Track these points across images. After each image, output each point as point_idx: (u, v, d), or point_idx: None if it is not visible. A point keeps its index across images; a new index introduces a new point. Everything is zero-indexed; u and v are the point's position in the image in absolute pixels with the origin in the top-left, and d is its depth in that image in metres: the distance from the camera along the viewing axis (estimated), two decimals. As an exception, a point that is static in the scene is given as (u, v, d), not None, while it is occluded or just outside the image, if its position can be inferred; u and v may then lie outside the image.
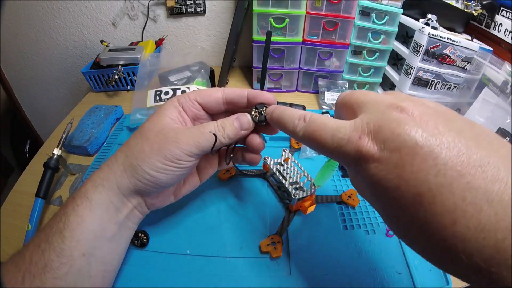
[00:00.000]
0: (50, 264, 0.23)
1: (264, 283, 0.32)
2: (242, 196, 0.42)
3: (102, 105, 0.61)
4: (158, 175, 0.27)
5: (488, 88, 0.55)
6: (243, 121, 0.30)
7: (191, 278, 0.32)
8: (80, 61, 0.90)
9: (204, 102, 0.31)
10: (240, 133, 0.30)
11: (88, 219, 0.25)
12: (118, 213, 0.27)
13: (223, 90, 0.31)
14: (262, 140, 0.32)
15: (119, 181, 0.27)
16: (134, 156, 0.27)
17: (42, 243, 0.24)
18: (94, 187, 0.26)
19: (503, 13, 0.56)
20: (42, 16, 0.80)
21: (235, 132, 0.29)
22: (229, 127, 0.29)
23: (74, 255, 0.24)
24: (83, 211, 0.25)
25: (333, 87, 0.69)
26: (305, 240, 0.36)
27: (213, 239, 0.36)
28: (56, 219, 0.25)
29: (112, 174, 0.27)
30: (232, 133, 0.29)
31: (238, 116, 0.30)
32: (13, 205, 0.44)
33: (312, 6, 0.61)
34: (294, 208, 0.39)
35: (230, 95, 0.31)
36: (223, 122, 0.29)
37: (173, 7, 0.77)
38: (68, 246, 0.24)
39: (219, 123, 0.29)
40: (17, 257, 0.24)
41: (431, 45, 0.55)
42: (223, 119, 0.30)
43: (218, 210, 0.40)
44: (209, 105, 0.31)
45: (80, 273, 0.24)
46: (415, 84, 0.60)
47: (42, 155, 0.52)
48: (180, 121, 0.30)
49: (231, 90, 0.31)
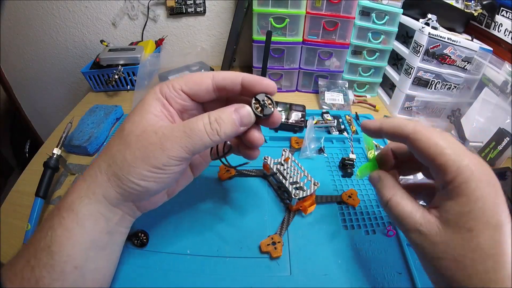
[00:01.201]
0: (42, 281, 0.22)
1: (264, 283, 0.32)
2: (242, 196, 0.42)
3: (102, 105, 0.61)
4: (147, 184, 0.24)
5: (488, 88, 0.55)
6: (243, 115, 0.25)
7: (191, 278, 0.32)
8: (80, 61, 0.90)
9: (192, 91, 0.26)
10: (239, 130, 0.26)
11: (77, 232, 0.23)
12: (108, 223, 0.25)
13: (213, 76, 0.27)
14: (261, 134, 0.28)
15: (105, 192, 0.24)
16: (117, 165, 0.24)
17: (32, 259, 0.22)
18: (79, 199, 0.24)
19: (503, 13, 0.56)
20: (42, 16, 0.80)
21: (234, 129, 0.25)
22: (227, 123, 0.25)
23: (66, 270, 0.23)
24: (70, 224, 0.23)
25: (333, 87, 0.69)
26: (305, 240, 0.36)
27: (213, 239, 0.36)
28: (42, 233, 0.23)
29: (96, 185, 0.24)
30: (230, 130, 0.25)
31: (237, 109, 0.25)
32: (13, 205, 0.44)
33: (312, 6, 0.61)
34: (294, 208, 0.39)
35: (221, 82, 0.27)
36: (218, 117, 0.24)
37: (173, 7, 0.77)
38: (58, 261, 0.22)
39: (213, 119, 0.24)
40: (9, 271, 0.23)
41: (431, 45, 0.55)
42: (218, 112, 0.25)
43: (218, 210, 0.40)
44: (198, 95, 0.27)
45: (74, 286, 0.23)
46: (415, 84, 0.60)
47: (42, 155, 0.52)
48: (165, 116, 0.26)
49: (222, 76, 0.27)
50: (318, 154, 0.50)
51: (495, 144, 0.51)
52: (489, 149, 0.52)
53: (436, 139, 0.22)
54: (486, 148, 0.53)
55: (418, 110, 0.64)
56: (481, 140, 0.54)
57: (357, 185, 0.45)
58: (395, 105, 0.65)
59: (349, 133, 0.54)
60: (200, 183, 0.43)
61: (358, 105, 0.68)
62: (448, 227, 0.21)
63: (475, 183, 0.20)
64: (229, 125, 0.25)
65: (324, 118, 0.57)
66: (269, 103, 0.26)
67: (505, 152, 0.50)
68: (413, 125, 0.24)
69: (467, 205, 0.20)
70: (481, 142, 0.54)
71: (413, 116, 0.64)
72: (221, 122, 0.24)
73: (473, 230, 0.20)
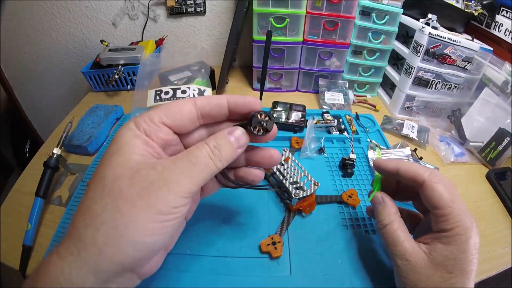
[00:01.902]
0: None
1: (264, 283, 0.32)
2: (242, 196, 0.42)
3: (102, 105, 0.61)
4: (154, 238, 0.20)
5: (488, 88, 0.55)
6: (238, 137, 0.24)
7: (191, 278, 0.32)
8: (80, 61, 0.90)
9: (174, 123, 0.23)
10: (238, 153, 0.24)
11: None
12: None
13: (194, 101, 0.24)
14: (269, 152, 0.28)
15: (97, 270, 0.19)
16: (110, 226, 0.19)
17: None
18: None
19: (503, 13, 0.56)
20: (42, 16, 0.80)
21: (233, 153, 0.24)
22: (226, 148, 0.23)
23: None
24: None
25: (333, 87, 0.69)
26: (305, 240, 0.36)
27: (213, 239, 0.36)
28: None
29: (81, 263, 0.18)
30: (230, 155, 0.23)
31: (230, 132, 0.24)
32: (13, 205, 0.44)
33: (312, 6, 0.61)
34: (295, 208, 0.39)
35: (205, 107, 0.24)
36: (216, 143, 0.23)
37: (173, 7, 0.77)
38: None
39: (212, 145, 0.22)
40: None
41: (431, 45, 0.55)
42: (214, 139, 0.23)
43: (218, 210, 0.40)
44: (181, 125, 0.24)
45: None
46: (415, 84, 0.60)
47: (42, 155, 0.52)
48: (151, 155, 0.22)
49: (205, 100, 0.24)
50: (318, 154, 0.50)
51: (495, 144, 0.51)
52: (489, 149, 0.52)
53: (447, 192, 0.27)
54: (486, 148, 0.53)
55: (418, 110, 0.64)
56: (481, 140, 0.54)
57: (357, 185, 0.45)
58: (395, 105, 0.65)
59: (349, 133, 0.54)
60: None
61: (358, 105, 0.68)
62: (433, 264, 0.26)
63: (465, 237, 0.25)
64: (229, 149, 0.23)
65: (324, 118, 0.57)
66: (267, 119, 0.25)
67: (505, 152, 0.50)
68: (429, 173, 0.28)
69: (455, 254, 0.25)
70: (481, 142, 0.54)
71: (414, 116, 0.64)
72: (220, 148, 0.23)
73: (453, 273, 0.25)
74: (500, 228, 0.42)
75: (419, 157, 0.52)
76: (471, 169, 0.53)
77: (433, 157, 0.54)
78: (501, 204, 0.46)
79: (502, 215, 0.44)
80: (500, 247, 0.39)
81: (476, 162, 0.54)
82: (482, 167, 0.53)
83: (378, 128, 0.58)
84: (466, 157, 0.54)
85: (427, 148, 0.57)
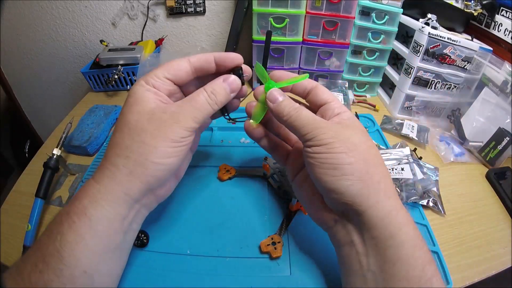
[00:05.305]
0: (50, 284, 0.22)
1: (264, 283, 0.32)
2: (242, 196, 0.42)
3: (102, 105, 0.61)
4: (171, 160, 0.26)
5: (488, 88, 0.55)
6: (231, 82, 0.30)
7: (191, 278, 0.32)
8: (79, 61, 0.90)
9: (174, 77, 0.29)
10: (230, 97, 0.30)
11: (88, 237, 0.23)
12: (124, 222, 0.26)
13: (188, 60, 0.30)
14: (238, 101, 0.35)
15: (127, 188, 0.25)
16: (137, 153, 0.25)
17: (39, 263, 0.22)
18: (94, 203, 0.24)
19: (503, 13, 0.56)
20: (42, 16, 0.80)
21: (226, 97, 0.29)
22: (221, 93, 0.29)
23: (75, 274, 0.22)
24: (81, 229, 0.23)
25: (333, 87, 0.69)
26: (305, 240, 0.36)
27: (213, 239, 0.36)
28: (51, 237, 0.23)
29: (115, 184, 0.25)
30: (224, 98, 0.29)
31: (225, 79, 0.30)
32: (13, 205, 0.44)
33: (312, 5, 0.61)
34: (294, 208, 0.39)
35: (197, 63, 0.30)
36: (212, 89, 0.29)
37: (173, 7, 0.77)
38: (67, 266, 0.22)
39: (209, 91, 0.28)
40: (15, 274, 0.23)
41: (431, 44, 0.55)
42: (211, 85, 0.29)
43: (218, 210, 0.40)
44: (180, 79, 0.30)
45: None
46: (415, 84, 0.60)
47: (42, 155, 0.52)
48: (161, 102, 0.28)
49: (196, 58, 0.30)
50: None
51: (495, 144, 0.51)
52: (489, 149, 0.52)
53: None
54: (486, 147, 0.53)
55: (418, 109, 0.64)
56: (481, 140, 0.54)
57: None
58: (395, 104, 0.65)
59: (349, 133, 0.54)
60: (200, 184, 0.43)
61: (358, 105, 0.68)
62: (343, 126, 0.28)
63: None
64: (223, 94, 0.29)
65: (324, 118, 0.57)
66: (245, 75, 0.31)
67: (505, 152, 0.50)
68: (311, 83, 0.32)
69: None
70: (481, 142, 0.54)
71: (413, 116, 0.64)
72: (216, 92, 0.29)
73: None
74: (500, 228, 0.42)
75: (419, 157, 0.52)
76: (470, 169, 0.53)
77: (433, 157, 0.54)
78: (501, 203, 0.46)
79: (502, 215, 0.44)
80: (500, 247, 0.39)
81: (475, 161, 0.54)
82: (481, 167, 0.53)
83: (377, 128, 0.58)
84: (465, 156, 0.54)
85: (427, 148, 0.57)
